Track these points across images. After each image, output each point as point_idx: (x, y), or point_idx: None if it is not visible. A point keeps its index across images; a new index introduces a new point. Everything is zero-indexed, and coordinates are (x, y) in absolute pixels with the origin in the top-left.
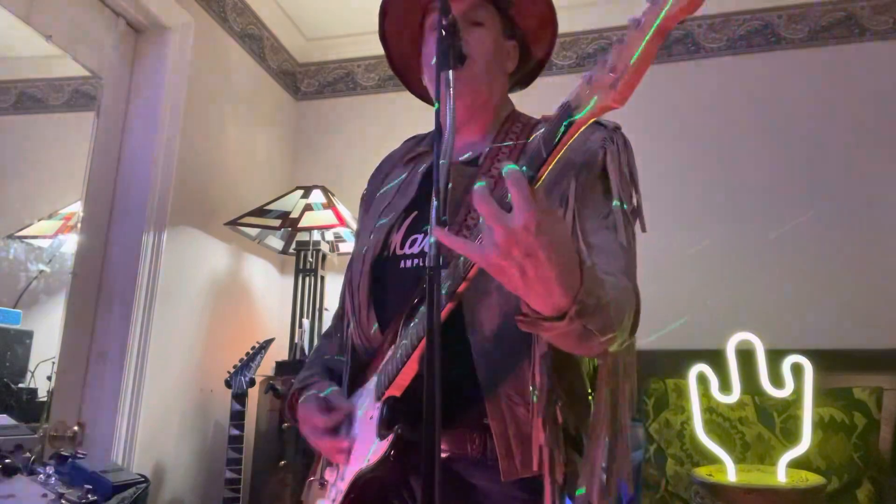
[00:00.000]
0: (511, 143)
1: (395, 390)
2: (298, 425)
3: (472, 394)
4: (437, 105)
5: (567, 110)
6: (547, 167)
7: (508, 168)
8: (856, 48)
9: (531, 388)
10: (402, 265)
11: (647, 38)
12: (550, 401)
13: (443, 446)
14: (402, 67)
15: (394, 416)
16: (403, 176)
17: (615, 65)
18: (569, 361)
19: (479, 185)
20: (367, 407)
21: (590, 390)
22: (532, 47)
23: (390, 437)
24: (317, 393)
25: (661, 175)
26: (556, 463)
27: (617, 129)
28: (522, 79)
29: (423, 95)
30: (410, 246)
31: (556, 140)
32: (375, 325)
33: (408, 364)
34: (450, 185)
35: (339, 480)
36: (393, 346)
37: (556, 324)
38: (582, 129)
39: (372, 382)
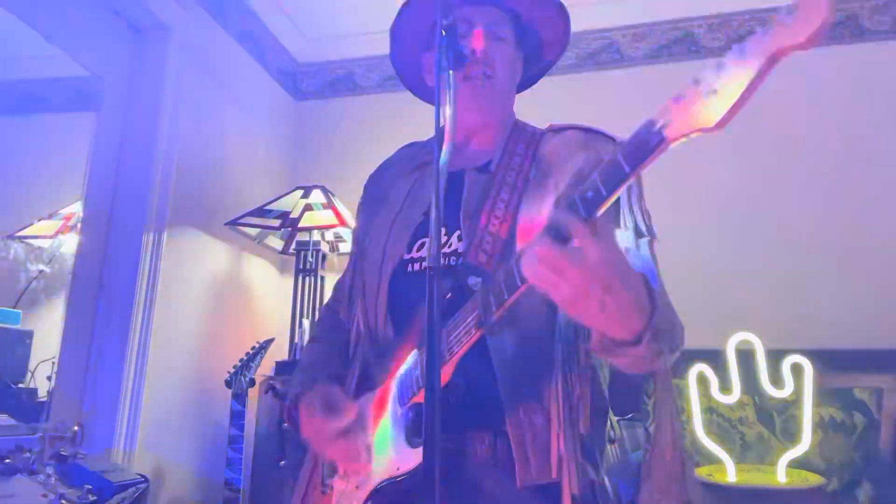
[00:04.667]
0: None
1: (420, 396)
2: (301, 429)
3: (491, 398)
4: (438, 107)
5: (650, 127)
6: (625, 185)
7: (569, 202)
8: (856, 48)
9: (553, 399)
10: (408, 269)
11: (754, 71)
12: (572, 412)
13: (452, 446)
14: (408, 67)
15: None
16: (410, 185)
17: (714, 88)
18: (588, 375)
19: (541, 237)
20: (389, 412)
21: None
22: (543, 56)
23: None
24: (319, 393)
25: (660, 175)
26: (573, 472)
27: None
28: (525, 82)
29: (426, 97)
30: (418, 250)
31: (644, 157)
32: (391, 331)
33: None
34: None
35: (357, 489)
36: (415, 351)
37: (634, 349)
38: (603, 140)
39: (392, 386)
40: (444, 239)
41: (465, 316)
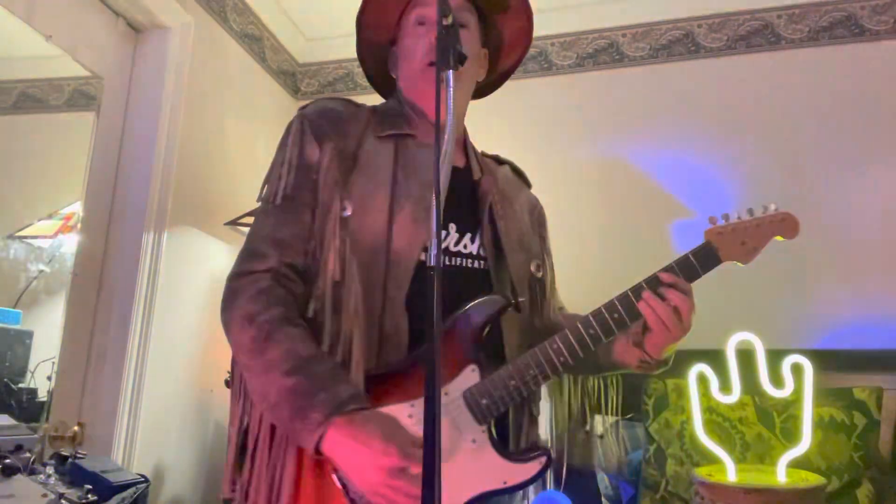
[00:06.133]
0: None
1: None
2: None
3: None
4: (438, 107)
5: (711, 250)
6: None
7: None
8: (856, 48)
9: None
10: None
11: (761, 244)
12: (534, 403)
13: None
14: (369, 56)
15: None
16: (393, 154)
17: (744, 241)
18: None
19: (668, 290)
20: (462, 430)
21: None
22: (501, 58)
23: (543, 459)
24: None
25: (660, 174)
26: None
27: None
28: (483, 88)
29: (380, 86)
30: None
31: (710, 266)
32: (405, 325)
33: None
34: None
35: None
36: (473, 365)
37: (665, 366)
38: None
39: (441, 398)
40: (455, 237)
41: (545, 354)
